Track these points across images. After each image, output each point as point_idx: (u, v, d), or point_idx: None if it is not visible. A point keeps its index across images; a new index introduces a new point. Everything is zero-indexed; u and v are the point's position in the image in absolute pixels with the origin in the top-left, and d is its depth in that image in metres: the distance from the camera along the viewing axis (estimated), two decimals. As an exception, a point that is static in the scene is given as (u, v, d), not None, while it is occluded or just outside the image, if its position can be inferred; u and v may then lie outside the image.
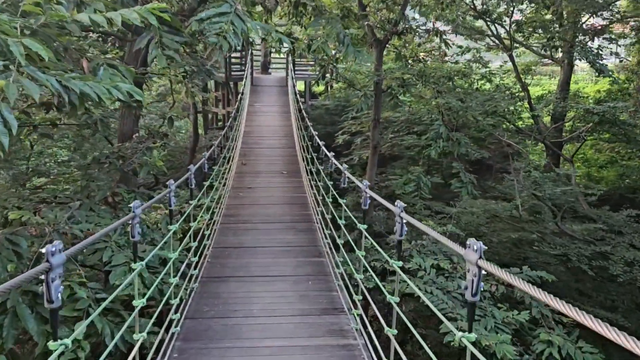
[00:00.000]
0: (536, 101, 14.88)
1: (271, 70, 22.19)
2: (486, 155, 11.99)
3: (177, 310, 4.05)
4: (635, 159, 15.76)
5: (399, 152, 15.47)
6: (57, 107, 4.71)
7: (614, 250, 9.37)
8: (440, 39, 11.18)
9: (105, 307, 3.65)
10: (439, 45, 15.22)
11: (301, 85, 20.58)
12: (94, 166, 5.26)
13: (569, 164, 14.72)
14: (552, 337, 5.60)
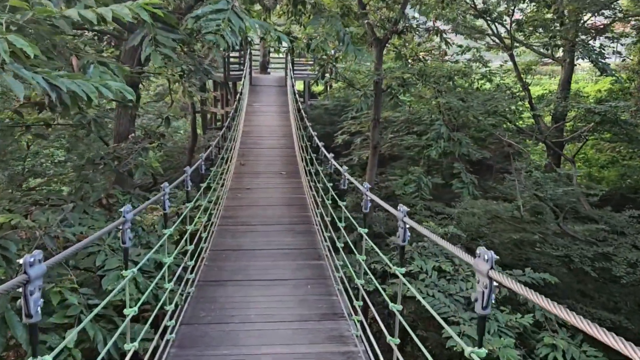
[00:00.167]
0: (537, 101, 14.78)
1: (270, 70, 22.09)
2: (487, 155, 11.88)
3: (172, 316, 3.93)
4: (636, 158, 15.66)
5: (399, 152, 15.37)
6: (50, 107, 4.60)
7: (617, 251, 9.27)
8: (440, 38, 11.08)
9: (97, 313, 3.55)
10: (439, 44, 15.12)
11: (300, 85, 20.48)
12: (88, 167, 5.14)
13: (570, 164, 14.62)
14: (556, 341, 5.50)
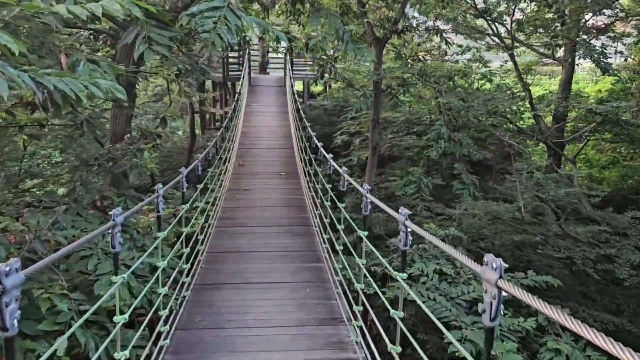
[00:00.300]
0: (537, 101, 14.69)
1: (269, 70, 22.00)
2: (488, 156, 11.79)
3: (166, 321, 3.83)
4: (637, 159, 15.56)
5: (399, 152, 15.28)
6: (44, 107, 4.49)
7: (619, 253, 9.16)
8: (440, 38, 10.98)
9: (89, 319, 3.44)
10: (439, 44, 15.03)
11: (299, 85, 20.39)
12: (82, 168, 5.04)
13: (570, 165, 14.53)
14: (560, 345, 5.39)
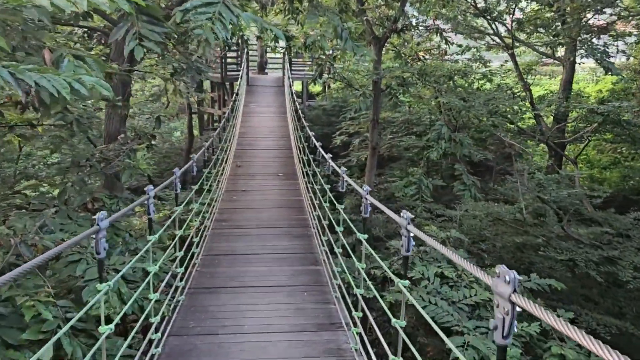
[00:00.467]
0: (537, 101, 14.57)
1: (268, 70, 21.87)
2: (489, 156, 11.66)
3: (157, 329, 3.69)
4: (639, 159, 15.45)
5: (398, 153, 15.15)
6: (34, 107, 4.36)
7: (622, 254, 9.03)
8: (440, 37, 10.86)
9: (77, 327, 3.30)
10: (439, 44, 14.92)
11: (298, 85, 20.26)
12: (72, 169, 4.90)
13: (571, 165, 14.41)
14: (565, 351, 5.26)
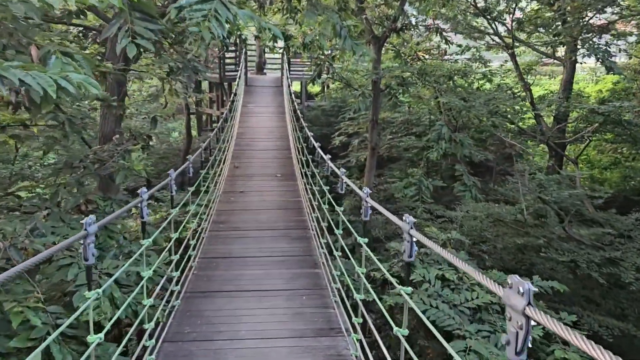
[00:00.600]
0: (537, 101, 14.49)
1: (266, 70, 21.78)
2: (490, 157, 11.56)
3: (152, 335, 3.58)
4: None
5: (397, 153, 15.06)
6: (26, 107, 4.25)
7: (624, 256, 8.93)
8: (440, 37, 10.76)
9: (67, 334, 3.19)
10: (438, 44, 14.84)
11: (297, 86, 20.16)
12: (65, 170, 4.79)
13: (572, 166, 14.32)
14: (568, 354, 5.16)
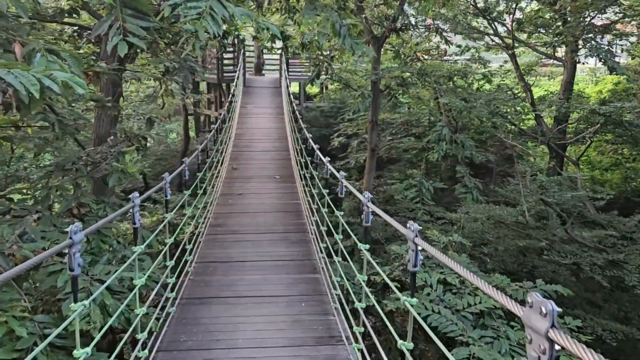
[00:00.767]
0: (537, 102, 14.40)
1: (265, 71, 21.65)
2: (491, 158, 11.45)
3: (145, 345, 3.44)
4: (640, 161, 15.29)
5: (397, 155, 14.95)
6: (17, 107, 4.13)
7: (628, 258, 8.82)
8: (440, 37, 10.65)
9: (56, 344, 3.06)
10: (437, 44, 14.74)
11: (295, 87, 20.06)
12: (57, 173, 4.66)
13: (573, 167, 14.21)
14: (573, 361, 5.06)
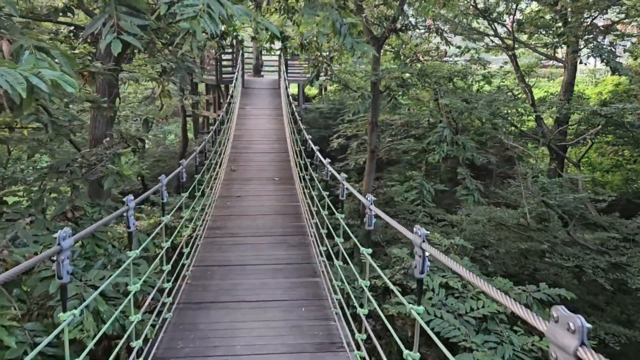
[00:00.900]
0: (537, 103, 14.32)
1: (263, 72, 21.58)
2: (492, 159, 11.36)
3: (140, 353, 3.33)
4: (641, 162, 15.21)
5: (397, 156, 14.86)
6: (10, 108, 4.03)
7: (630, 260, 8.72)
8: (441, 37, 10.57)
9: (47, 353, 2.95)
10: (437, 45, 14.66)
11: (294, 88, 19.97)
12: (51, 175, 4.55)
13: (574, 168, 14.13)
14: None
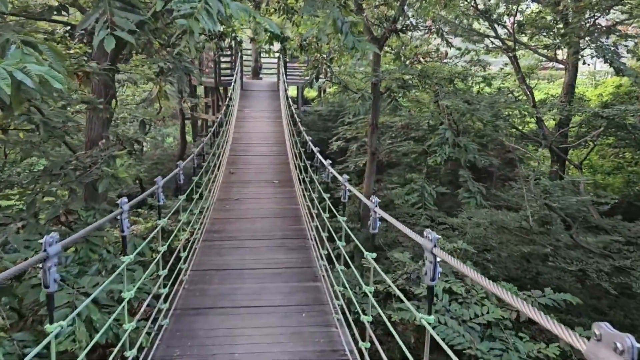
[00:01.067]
0: (538, 105, 14.23)
1: (262, 75, 21.49)
2: (494, 162, 11.25)
3: (134, 363, 3.21)
4: (643, 164, 15.12)
5: (397, 158, 14.74)
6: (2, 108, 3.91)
7: (634, 264, 8.61)
8: (442, 38, 10.48)
9: (37, 364, 2.81)
10: (437, 47, 14.58)
11: (293, 90, 19.89)
12: (44, 178, 4.43)
13: (575, 171, 14.03)
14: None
